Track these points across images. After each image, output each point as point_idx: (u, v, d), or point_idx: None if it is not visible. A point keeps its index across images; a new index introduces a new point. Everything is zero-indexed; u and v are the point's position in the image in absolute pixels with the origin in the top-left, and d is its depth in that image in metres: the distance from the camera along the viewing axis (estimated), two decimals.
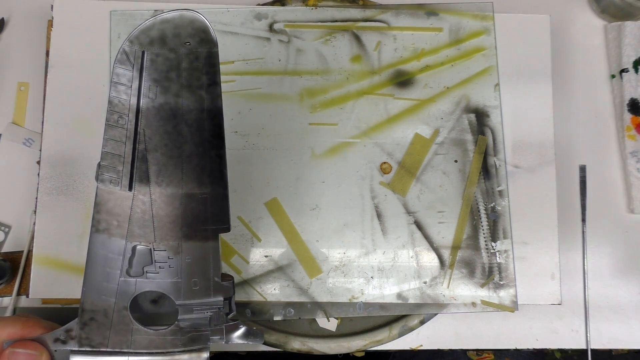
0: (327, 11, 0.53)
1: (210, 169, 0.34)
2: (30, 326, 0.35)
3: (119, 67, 0.32)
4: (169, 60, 0.32)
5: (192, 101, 0.33)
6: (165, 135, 0.33)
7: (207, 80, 0.32)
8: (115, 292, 0.35)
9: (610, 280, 0.53)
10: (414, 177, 0.51)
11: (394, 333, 0.49)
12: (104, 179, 0.33)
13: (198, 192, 0.34)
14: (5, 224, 0.51)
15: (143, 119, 0.33)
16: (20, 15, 0.54)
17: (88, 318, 0.35)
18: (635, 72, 0.55)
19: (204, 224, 0.35)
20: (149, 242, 0.35)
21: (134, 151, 0.33)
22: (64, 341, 0.35)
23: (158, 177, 0.34)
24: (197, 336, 0.37)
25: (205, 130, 0.33)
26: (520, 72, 0.54)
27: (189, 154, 0.33)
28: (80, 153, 0.50)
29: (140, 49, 0.32)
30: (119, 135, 0.33)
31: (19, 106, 0.53)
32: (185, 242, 0.35)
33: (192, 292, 0.36)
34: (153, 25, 0.31)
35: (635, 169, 0.54)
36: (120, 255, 0.35)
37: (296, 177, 0.50)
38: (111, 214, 0.34)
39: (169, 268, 0.35)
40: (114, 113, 0.32)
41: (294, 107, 0.51)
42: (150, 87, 0.32)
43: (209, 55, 0.32)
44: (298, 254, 0.49)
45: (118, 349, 0.36)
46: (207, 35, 0.32)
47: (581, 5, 0.58)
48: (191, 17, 0.31)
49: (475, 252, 0.50)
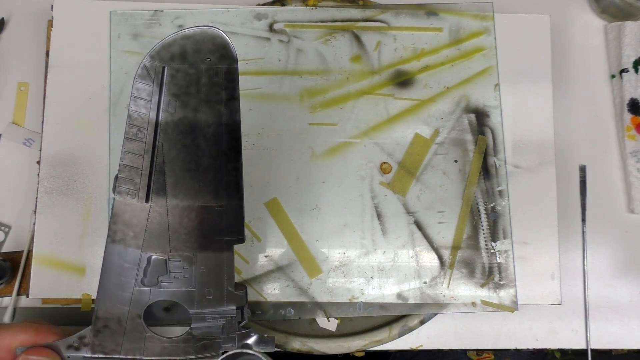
0: (327, 11, 0.53)
1: (227, 182, 0.34)
2: (43, 332, 0.35)
3: (139, 81, 0.32)
4: (189, 75, 0.32)
5: (210, 116, 0.33)
6: (183, 148, 0.33)
7: (226, 95, 0.33)
8: (130, 300, 0.35)
9: (610, 280, 0.53)
10: (414, 177, 0.51)
11: (394, 333, 0.49)
12: (121, 191, 0.34)
13: (214, 204, 0.34)
14: (5, 224, 0.51)
15: (162, 133, 0.33)
16: (20, 15, 0.54)
17: (102, 325, 0.35)
18: (635, 72, 0.55)
19: (219, 235, 0.35)
20: (165, 252, 0.35)
21: (151, 164, 0.33)
22: (77, 348, 0.35)
23: (175, 189, 0.34)
24: (210, 344, 0.36)
25: (223, 144, 0.33)
26: (520, 72, 0.53)
27: (206, 167, 0.34)
28: (80, 153, 0.50)
29: (160, 64, 0.32)
30: (138, 148, 0.33)
31: (19, 106, 0.53)
32: (200, 252, 0.35)
33: (206, 301, 0.36)
34: (174, 41, 0.32)
35: (635, 169, 0.54)
36: (136, 265, 0.35)
37: (296, 177, 0.50)
38: (128, 225, 0.34)
39: (183, 278, 0.35)
40: (133, 127, 0.33)
41: (294, 107, 0.51)
42: (169, 101, 0.32)
43: (228, 71, 0.32)
44: (298, 254, 0.49)
45: (131, 356, 0.36)
46: (227, 51, 0.32)
47: (581, 5, 0.58)
48: (212, 34, 0.32)
49: (475, 252, 0.50)
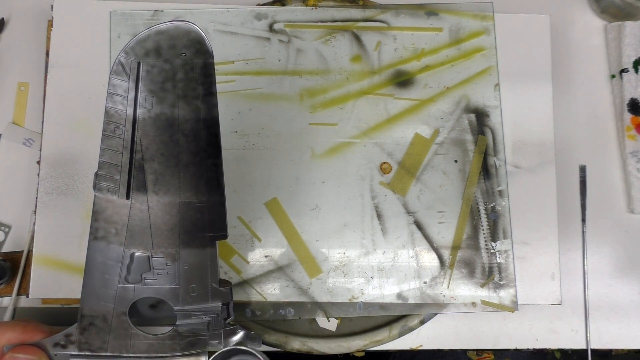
0: (327, 11, 0.53)
1: (207, 178, 0.34)
2: (30, 331, 0.35)
3: (115, 78, 0.32)
4: (165, 71, 0.32)
5: (188, 111, 0.33)
6: (161, 144, 0.33)
7: (203, 91, 0.32)
8: (114, 297, 0.35)
9: (610, 280, 0.53)
10: (414, 177, 0.51)
11: (394, 333, 0.49)
12: (101, 188, 0.33)
13: (195, 200, 0.34)
14: (5, 224, 0.51)
15: (139, 129, 0.33)
16: (20, 15, 0.54)
17: (87, 323, 0.35)
18: (635, 72, 0.55)
19: (201, 231, 0.35)
20: (147, 249, 0.35)
21: (131, 160, 0.33)
22: (64, 346, 0.35)
23: (155, 185, 0.34)
24: (196, 341, 0.36)
25: (202, 140, 0.33)
26: (520, 72, 0.54)
27: (185, 163, 0.33)
28: (80, 153, 0.50)
29: (135, 60, 0.31)
30: (116, 144, 0.33)
31: (19, 106, 0.53)
32: (183, 249, 0.35)
33: (191, 298, 0.36)
34: (148, 36, 0.31)
35: (635, 169, 0.54)
36: (119, 262, 0.35)
37: (296, 177, 0.50)
38: (109, 222, 0.34)
39: (167, 274, 0.35)
40: (110, 123, 0.32)
41: (294, 107, 0.51)
42: (146, 97, 0.32)
43: (204, 66, 0.32)
44: (298, 254, 0.49)
45: (117, 353, 0.36)
46: (202, 46, 0.32)
47: (581, 5, 0.58)
48: (186, 29, 0.31)
49: (475, 252, 0.50)
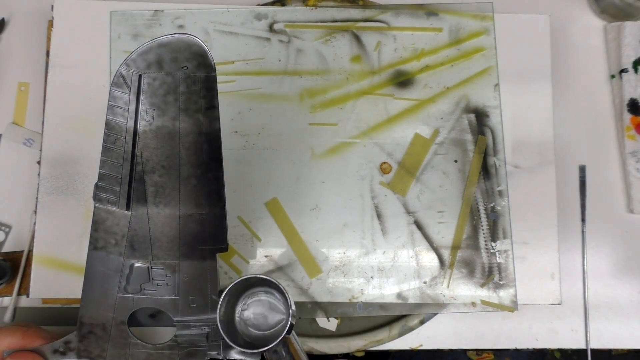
0: (327, 11, 0.53)
1: (208, 191, 0.34)
2: (30, 336, 0.35)
3: (116, 90, 0.31)
4: (166, 84, 0.32)
5: (189, 124, 0.32)
6: (162, 157, 0.33)
7: (205, 104, 0.32)
8: (114, 307, 0.35)
9: (610, 280, 0.53)
10: (414, 177, 0.51)
11: (394, 333, 0.49)
12: (101, 199, 0.33)
13: (196, 213, 0.34)
14: (6, 224, 0.51)
15: (140, 142, 0.32)
16: (20, 15, 0.54)
17: (87, 331, 0.35)
18: (634, 72, 0.55)
19: (201, 244, 0.35)
20: (147, 260, 0.35)
21: (131, 172, 0.33)
22: (63, 353, 0.35)
23: (155, 197, 0.33)
24: (195, 351, 0.36)
25: (203, 153, 0.33)
26: (520, 72, 0.54)
27: (186, 176, 0.33)
28: (80, 153, 0.50)
29: (137, 73, 0.31)
30: (116, 156, 0.33)
31: (19, 106, 0.53)
32: (182, 261, 0.35)
33: (190, 309, 0.36)
34: (150, 49, 0.31)
35: (635, 169, 0.54)
36: (118, 272, 0.35)
37: (296, 177, 0.50)
38: (109, 233, 0.34)
39: (166, 286, 0.35)
40: (110, 135, 0.32)
41: (294, 107, 0.51)
42: (147, 110, 0.32)
43: (206, 79, 0.32)
44: (298, 254, 0.49)
45: None
46: (204, 59, 0.31)
47: (581, 6, 0.58)
48: (189, 42, 0.31)
49: (475, 252, 0.50)
